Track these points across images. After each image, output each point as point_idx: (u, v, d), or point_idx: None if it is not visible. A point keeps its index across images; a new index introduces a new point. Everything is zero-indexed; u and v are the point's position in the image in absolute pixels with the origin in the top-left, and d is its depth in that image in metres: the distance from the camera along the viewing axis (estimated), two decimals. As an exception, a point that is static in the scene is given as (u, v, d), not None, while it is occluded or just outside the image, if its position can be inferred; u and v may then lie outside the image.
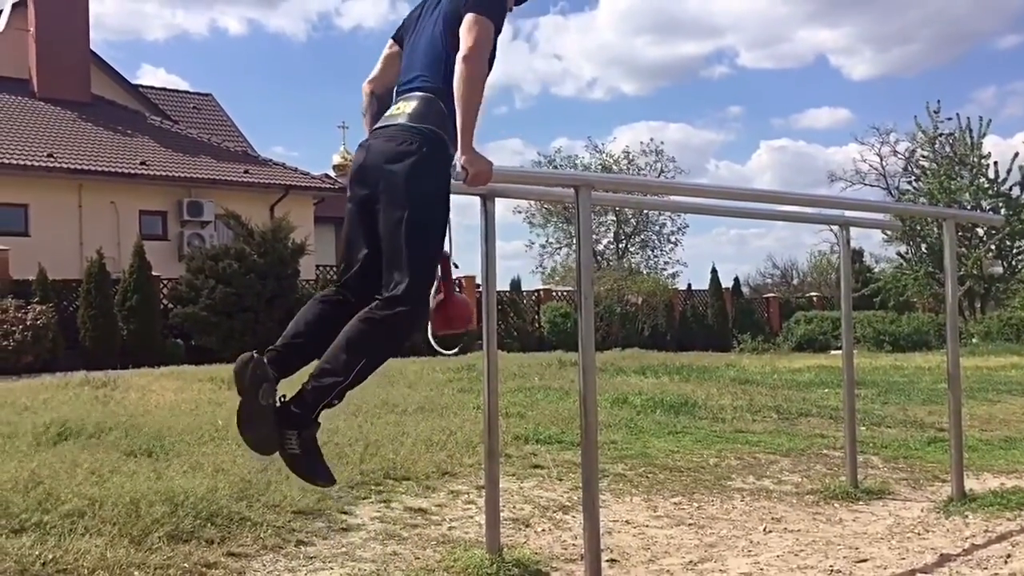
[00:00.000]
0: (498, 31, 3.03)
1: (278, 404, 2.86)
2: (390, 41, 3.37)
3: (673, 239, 34.37)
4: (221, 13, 61.67)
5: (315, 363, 2.96)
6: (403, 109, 3.03)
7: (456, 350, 3.56)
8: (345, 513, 4.14)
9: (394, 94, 3.20)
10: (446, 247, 3.11)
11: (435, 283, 3.11)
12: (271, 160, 24.13)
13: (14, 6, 22.88)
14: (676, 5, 59.39)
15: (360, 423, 6.14)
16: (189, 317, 16.41)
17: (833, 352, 18.24)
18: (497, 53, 3.12)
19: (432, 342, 3.25)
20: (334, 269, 22.21)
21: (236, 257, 16.84)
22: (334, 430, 5.51)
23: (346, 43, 64.00)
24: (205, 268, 16.81)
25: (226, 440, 5.39)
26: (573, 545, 3.84)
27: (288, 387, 2.92)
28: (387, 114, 3.09)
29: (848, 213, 5.24)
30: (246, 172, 22.32)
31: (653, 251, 34.45)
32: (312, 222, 22.87)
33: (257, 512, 3.91)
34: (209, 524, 3.69)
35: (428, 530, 4.01)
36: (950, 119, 23.90)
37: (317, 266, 21.62)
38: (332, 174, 30.82)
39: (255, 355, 2.87)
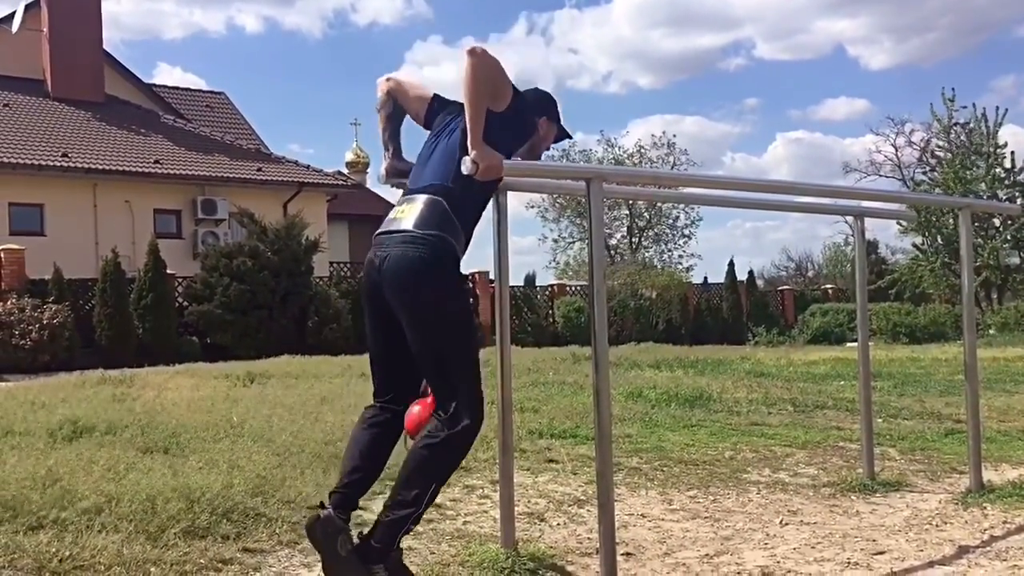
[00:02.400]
0: (513, 109, 3.04)
1: (357, 543, 2.91)
2: (432, 95, 3.30)
3: (687, 232, 34.28)
4: (238, 11, 62.04)
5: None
6: (407, 213, 2.99)
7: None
8: (360, 509, 4.14)
9: (401, 195, 3.17)
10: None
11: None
12: (284, 157, 24.21)
13: (27, 7, 23.02)
14: (692, -3, 59.26)
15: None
16: (204, 315, 16.49)
17: (849, 344, 18.14)
18: (511, 55, 3.12)
19: (406, 441, 3.18)
20: (348, 266, 22.30)
21: (250, 255, 16.90)
22: (350, 425, 5.51)
23: (362, 40, 64.28)
24: (219, 266, 16.88)
25: (241, 437, 5.41)
26: (588, 539, 3.83)
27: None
28: (389, 217, 3.07)
29: (864, 204, 5.20)
30: (259, 170, 22.39)
31: (667, 245, 34.37)
32: (325, 219, 22.94)
33: (272, 508, 3.92)
34: (225, 520, 3.70)
35: (443, 525, 4.01)
36: (965, 108, 23.71)
37: (331, 263, 21.69)
38: (345, 171, 30.92)
39: (322, 514, 2.92)
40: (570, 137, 3.52)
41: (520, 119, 3.15)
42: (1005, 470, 5.29)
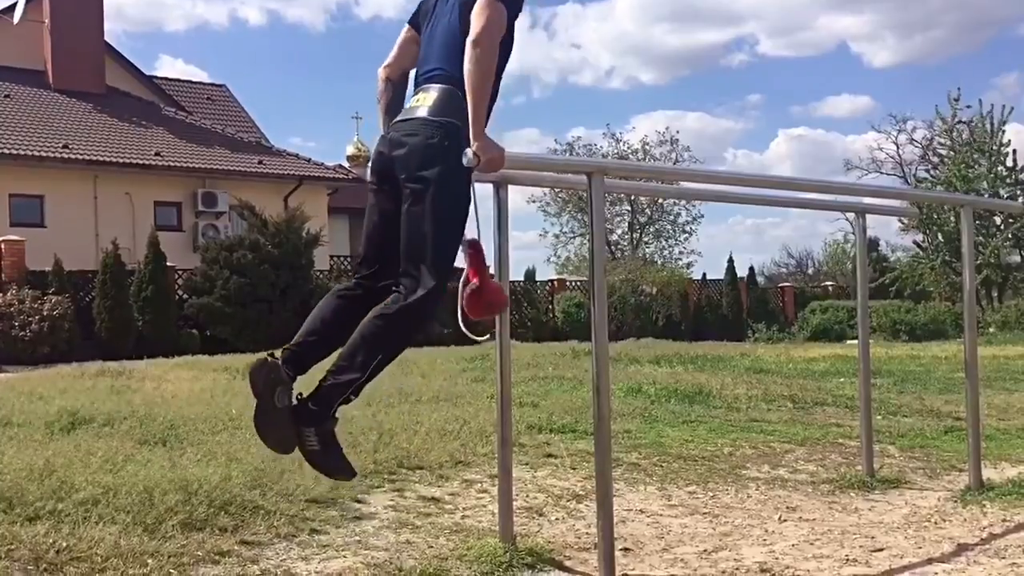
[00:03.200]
0: (513, 17, 3.00)
1: (295, 403, 2.87)
2: (407, 26, 3.32)
3: (688, 229, 34.26)
4: (241, 3, 61.95)
5: (332, 358, 2.96)
6: (422, 101, 3.01)
7: (488, 336, 3.53)
8: (358, 502, 4.14)
9: (411, 83, 3.18)
10: (474, 234, 3.10)
11: (467, 270, 3.11)
12: (285, 151, 24.17)
13: (29, -2, 22.98)
14: (696, -8, 59.15)
15: (374, 412, 6.14)
16: (204, 308, 16.48)
17: (848, 342, 18.14)
18: (515, 43, 3.08)
19: (464, 329, 3.22)
20: (348, 260, 22.28)
21: (250, 248, 16.88)
22: (348, 419, 5.49)
23: (364, 33, 64.17)
24: (220, 259, 16.87)
25: (240, 429, 5.40)
26: (586, 534, 3.83)
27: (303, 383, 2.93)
28: (407, 107, 3.08)
29: (865, 200, 5.19)
30: (260, 163, 22.37)
31: (668, 241, 34.35)
32: (326, 212, 22.91)
33: (270, 500, 3.91)
34: (223, 512, 3.69)
35: (441, 519, 4.00)
36: (970, 107, 23.67)
37: (331, 256, 21.67)
38: (346, 165, 30.88)
39: (268, 358, 2.90)
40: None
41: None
42: (1004, 468, 5.28)
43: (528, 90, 62.58)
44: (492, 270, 3.41)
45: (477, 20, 2.86)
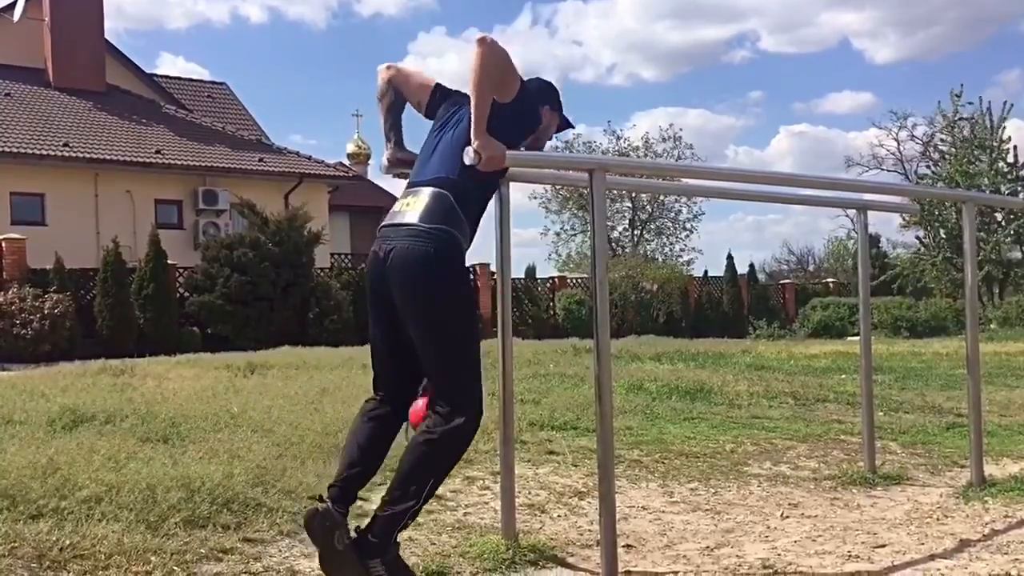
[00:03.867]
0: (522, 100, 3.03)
1: (355, 537, 2.89)
2: (436, 83, 3.29)
3: (689, 226, 34.22)
4: (243, 1, 61.91)
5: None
6: (412, 205, 2.97)
7: None
8: (361, 499, 4.13)
9: (405, 187, 3.14)
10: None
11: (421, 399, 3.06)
12: (286, 148, 24.18)
13: (29, -4, 22.97)
14: (699, -12, 59.08)
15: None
16: (205, 305, 16.50)
17: (849, 338, 18.13)
18: (515, 51, 3.09)
19: (407, 433, 3.15)
20: (349, 257, 22.30)
21: (251, 246, 16.90)
22: (350, 416, 5.51)
23: (366, 30, 64.20)
24: (220, 257, 16.88)
25: (241, 427, 5.41)
26: (589, 531, 3.83)
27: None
28: (395, 209, 3.05)
29: (866, 197, 5.18)
30: (261, 161, 22.37)
31: (668, 238, 34.31)
32: (327, 210, 22.92)
33: (273, 498, 3.91)
34: (225, 510, 3.69)
35: (443, 516, 4.01)
36: (971, 104, 23.66)
37: (332, 254, 21.70)
38: (347, 162, 30.89)
39: (320, 507, 2.91)
40: (572, 127, 3.50)
41: (525, 109, 3.13)
42: (1006, 464, 5.28)
43: (529, 90, 62.40)
44: (493, 267, 3.39)
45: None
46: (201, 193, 20.96)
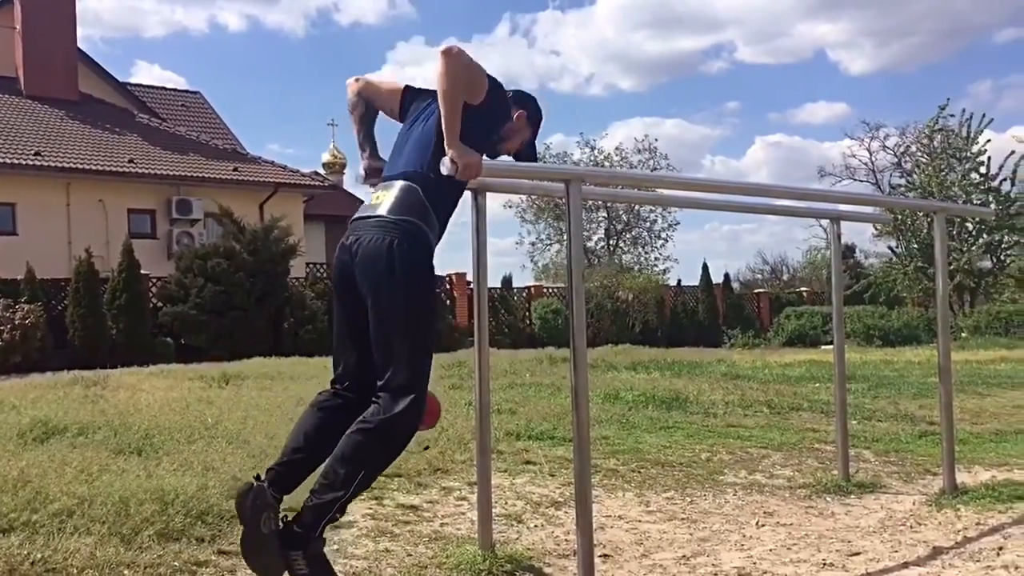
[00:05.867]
0: (488, 102, 3.01)
1: (281, 526, 2.84)
2: (405, 85, 3.31)
3: (664, 235, 34.37)
4: (220, 9, 61.67)
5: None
6: (383, 199, 2.99)
7: (426, 447, 3.45)
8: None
9: (380, 180, 3.15)
10: None
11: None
12: (260, 158, 24.05)
13: (0, 4, 22.74)
14: (676, -1, 59.45)
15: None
16: (178, 316, 16.35)
17: (823, 347, 18.28)
18: (491, 60, 3.10)
19: None
20: (324, 267, 22.20)
21: (225, 255, 16.77)
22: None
23: (345, 39, 64.10)
24: (194, 267, 16.74)
25: (216, 438, 5.37)
26: (566, 541, 3.83)
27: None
28: (367, 204, 3.06)
29: (840, 207, 5.23)
30: (235, 170, 22.24)
31: (644, 248, 34.44)
32: (302, 220, 22.82)
33: (248, 510, 3.88)
34: (199, 522, 3.67)
35: (420, 527, 4.00)
36: (953, 116, 23.92)
37: (307, 264, 21.58)
38: (322, 172, 30.78)
39: (255, 483, 2.85)
40: (534, 159, 3.44)
41: (496, 108, 3.13)
42: (978, 472, 5.33)
43: (508, 99, 62.56)
44: (470, 276, 3.39)
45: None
46: (175, 202, 20.80)
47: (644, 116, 68.63)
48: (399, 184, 2.99)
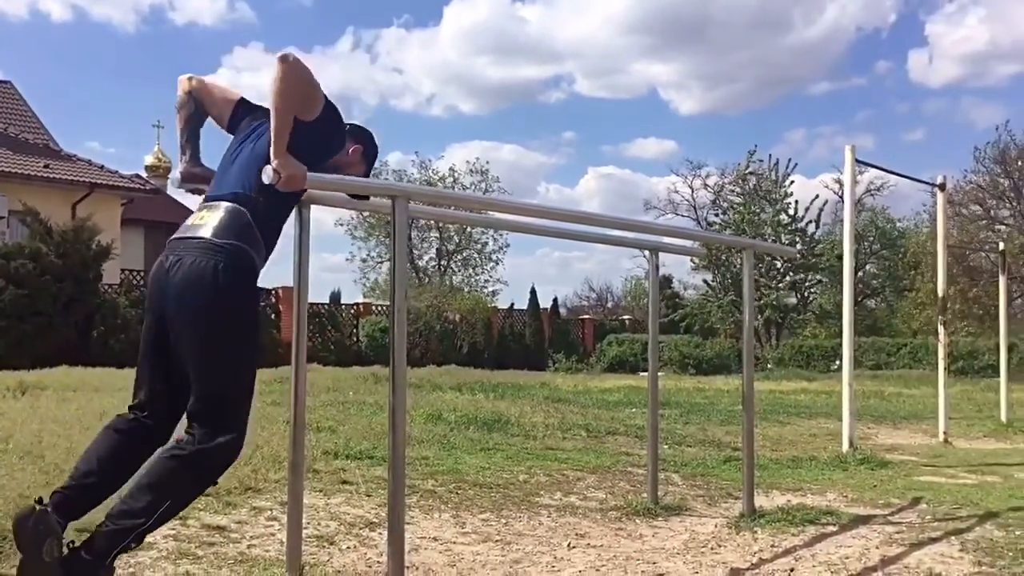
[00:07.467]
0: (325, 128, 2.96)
1: (65, 552, 2.60)
2: (241, 97, 3.21)
3: (495, 257, 34.81)
4: (44, -4, 57.89)
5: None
6: (206, 219, 2.85)
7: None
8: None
9: (201, 201, 3.01)
10: None
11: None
12: (76, 156, 22.70)
13: None
14: (519, 28, 60.35)
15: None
16: (-26, 319, 15.14)
17: (642, 373, 18.95)
18: (333, 72, 3.04)
19: None
20: (141, 275, 21.14)
21: (31, 257, 15.71)
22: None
23: (178, 39, 61.29)
24: (-5, 267, 15.57)
25: (5, 453, 4.99)
26: (378, 563, 3.77)
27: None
28: (189, 223, 2.91)
29: (661, 239, 5.44)
30: (46, 167, 20.89)
31: (474, 269, 34.75)
32: (119, 223, 21.67)
33: (35, 530, 3.60)
34: (-22, 544, 3.38)
35: (226, 548, 3.83)
36: (762, 162, 25.54)
37: (123, 270, 20.50)
38: (144, 175, 29.41)
39: (37, 507, 2.60)
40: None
41: (331, 133, 3.06)
42: (775, 496, 5.64)
43: (348, 111, 61.26)
44: (291, 285, 3.31)
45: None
46: (-24, 198, 19.32)
47: (483, 140, 69.40)
48: (224, 206, 2.86)
